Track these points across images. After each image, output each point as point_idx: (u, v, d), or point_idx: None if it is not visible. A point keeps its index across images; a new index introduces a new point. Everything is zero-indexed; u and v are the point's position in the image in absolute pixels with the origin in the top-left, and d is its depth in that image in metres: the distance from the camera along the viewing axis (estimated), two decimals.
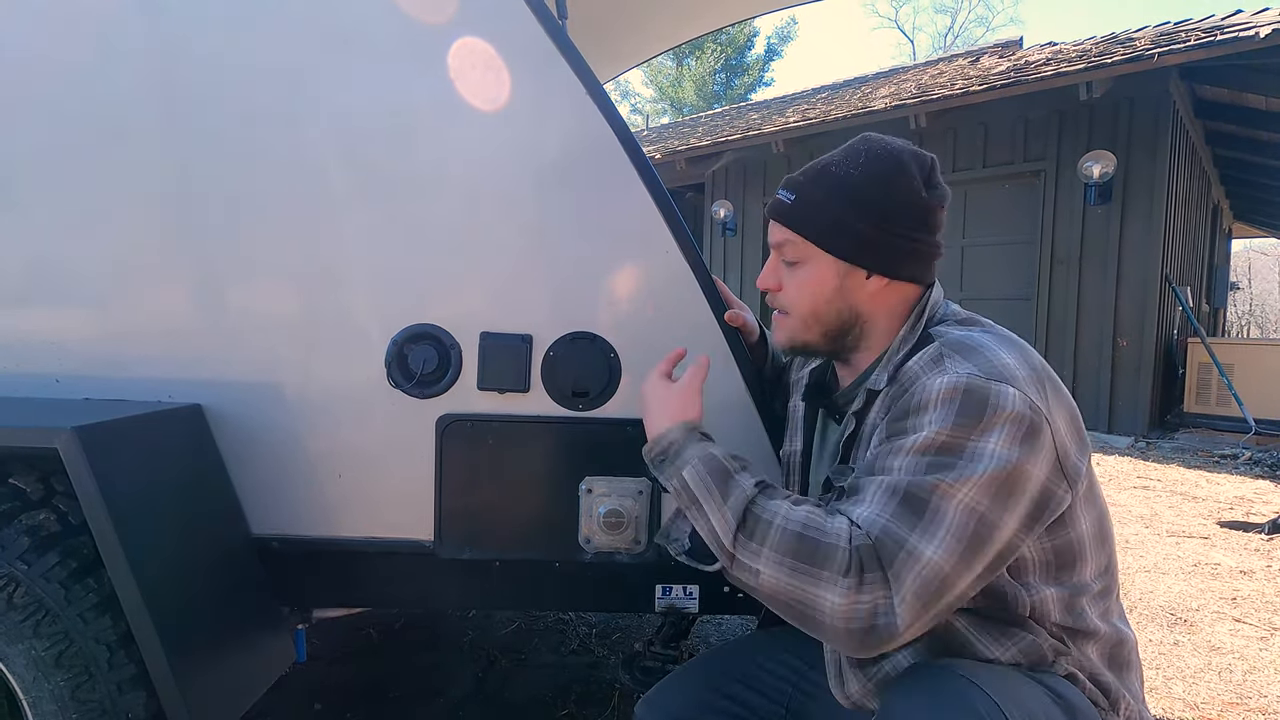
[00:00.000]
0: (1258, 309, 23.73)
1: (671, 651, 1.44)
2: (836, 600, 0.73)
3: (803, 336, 0.99)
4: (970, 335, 0.87)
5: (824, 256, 0.94)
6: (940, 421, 0.78)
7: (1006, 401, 0.77)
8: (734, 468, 0.87)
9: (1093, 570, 0.87)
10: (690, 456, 0.88)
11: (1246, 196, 10.39)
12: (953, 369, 0.81)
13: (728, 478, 0.85)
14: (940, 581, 0.73)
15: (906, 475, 0.77)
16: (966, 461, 0.75)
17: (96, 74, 1.23)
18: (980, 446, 0.76)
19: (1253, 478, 4.84)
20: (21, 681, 1.04)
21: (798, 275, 0.97)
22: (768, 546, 0.78)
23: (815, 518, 0.78)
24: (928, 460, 0.77)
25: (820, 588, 0.74)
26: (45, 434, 1.00)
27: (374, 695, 1.91)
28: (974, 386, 0.78)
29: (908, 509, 0.75)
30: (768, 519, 0.79)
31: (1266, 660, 2.24)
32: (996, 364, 0.80)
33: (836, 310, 0.96)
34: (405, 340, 1.25)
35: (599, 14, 2.98)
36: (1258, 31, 5.16)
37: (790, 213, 0.96)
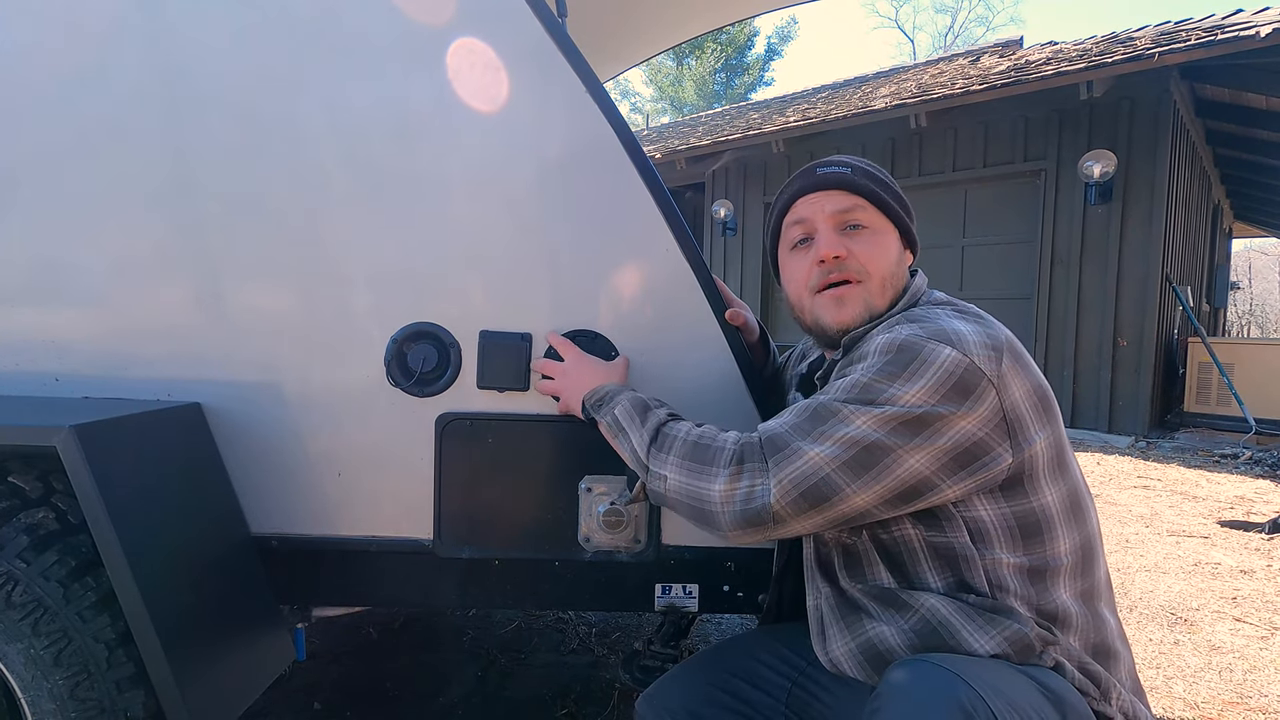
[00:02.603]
0: (1258, 308, 23.73)
1: (671, 651, 1.43)
2: (719, 487, 0.87)
3: (879, 303, 0.99)
4: (932, 310, 0.94)
5: (887, 224, 1.02)
6: (868, 370, 0.86)
7: (937, 357, 0.83)
8: (653, 404, 1.04)
9: (1066, 546, 0.89)
10: (621, 399, 1.06)
11: (1247, 196, 10.39)
12: (898, 330, 0.88)
13: (647, 410, 1.03)
14: (820, 480, 0.83)
15: (820, 400, 0.88)
16: (878, 401, 0.84)
17: (96, 73, 1.23)
18: (895, 392, 0.83)
19: (1253, 477, 4.84)
20: (20, 680, 1.04)
21: (870, 240, 1.00)
22: (672, 454, 0.94)
23: (711, 430, 0.95)
24: (845, 395, 0.86)
25: (708, 479, 0.89)
26: (44, 432, 1.00)
27: (373, 694, 1.91)
28: (909, 342, 0.85)
29: (808, 420, 0.87)
30: (673, 435, 0.96)
31: (1267, 659, 2.24)
32: (945, 329, 0.86)
33: (900, 278, 1.02)
34: (405, 339, 1.25)
35: (599, 13, 2.98)
36: (1258, 31, 5.16)
37: (854, 181, 1.01)
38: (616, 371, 1.17)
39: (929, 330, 0.86)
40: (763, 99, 14.05)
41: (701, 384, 1.27)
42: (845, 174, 1.01)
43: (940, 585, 0.89)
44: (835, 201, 1.00)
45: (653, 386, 1.26)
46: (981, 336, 0.86)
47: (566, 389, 1.16)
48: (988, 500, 0.87)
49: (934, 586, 0.89)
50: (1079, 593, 0.90)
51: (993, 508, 0.87)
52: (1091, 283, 6.48)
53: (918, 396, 0.82)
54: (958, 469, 0.84)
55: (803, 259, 1.03)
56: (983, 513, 0.87)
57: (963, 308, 0.96)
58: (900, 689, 0.76)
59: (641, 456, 0.97)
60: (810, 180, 1.03)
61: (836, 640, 0.95)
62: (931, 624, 0.87)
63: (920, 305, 0.98)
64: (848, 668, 0.94)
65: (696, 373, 1.27)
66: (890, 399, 0.83)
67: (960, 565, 0.88)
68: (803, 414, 0.88)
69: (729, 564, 1.32)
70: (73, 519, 1.12)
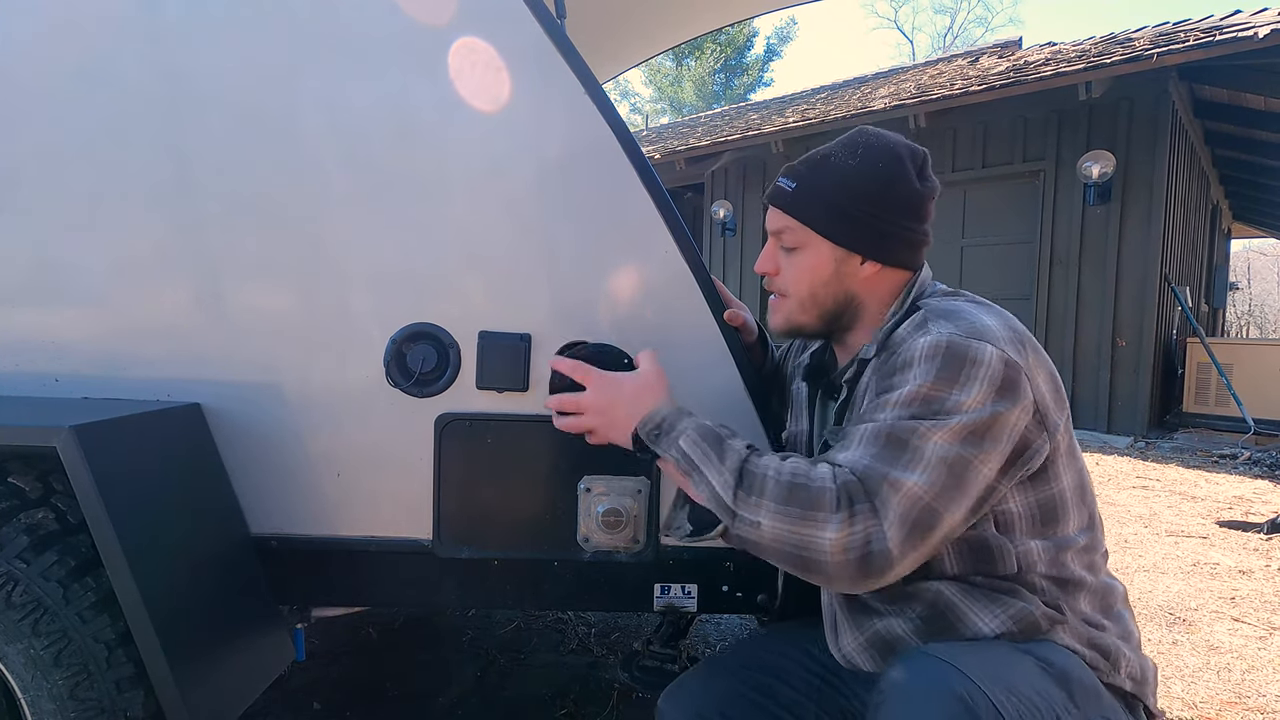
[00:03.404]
0: (1257, 309, 23.74)
1: (670, 651, 1.44)
2: (831, 535, 0.78)
3: (799, 319, 1.05)
4: (953, 303, 0.94)
5: (822, 242, 1.00)
6: (923, 376, 0.84)
7: (984, 357, 0.83)
8: (725, 434, 0.92)
9: (1075, 524, 0.92)
10: (684, 427, 0.92)
11: (1246, 196, 10.40)
12: (935, 330, 0.87)
13: (721, 442, 0.90)
14: (923, 510, 0.79)
15: (887, 421, 0.84)
16: (946, 411, 0.82)
17: (96, 73, 1.23)
18: (959, 399, 0.82)
19: (1251, 477, 4.85)
20: (20, 680, 1.04)
21: (796, 260, 1.02)
22: (765, 498, 0.82)
23: (802, 466, 0.84)
24: (911, 410, 0.83)
25: (815, 527, 0.79)
26: (44, 433, 1.00)
27: (373, 694, 1.91)
28: (954, 343, 0.84)
29: (890, 448, 0.82)
30: (761, 473, 0.84)
31: (1265, 659, 2.24)
32: (977, 325, 0.86)
33: (832, 294, 1.01)
34: (404, 339, 1.25)
35: (598, 13, 2.98)
36: (1256, 32, 5.17)
37: (791, 200, 1.01)
38: (656, 385, 1.01)
39: (964, 328, 0.86)
40: (762, 99, 14.06)
41: (701, 385, 1.27)
42: (785, 192, 1.02)
43: (955, 573, 0.90)
44: (774, 220, 1.05)
45: None
46: (1006, 329, 0.88)
47: (602, 424, 1.00)
48: (1015, 491, 0.88)
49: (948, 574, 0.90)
50: (1088, 564, 0.93)
51: (1019, 498, 0.89)
52: (1090, 283, 6.48)
53: (977, 399, 0.82)
54: (1010, 466, 0.85)
55: None
56: (1010, 505, 0.88)
57: (971, 298, 0.97)
58: (899, 684, 0.77)
59: (727, 500, 0.85)
60: (769, 190, 1.06)
61: (847, 635, 0.97)
62: (938, 608, 0.89)
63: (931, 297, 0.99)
64: (860, 661, 0.96)
65: (696, 373, 1.27)
66: (955, 407, 0.82)
67: (986, 556, 0.88)
68: (877, 441, 0.83)
69: (728, 564, 1.32)
70: (72, 519, 1.12)
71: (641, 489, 1.27)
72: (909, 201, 0.98)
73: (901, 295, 1.01)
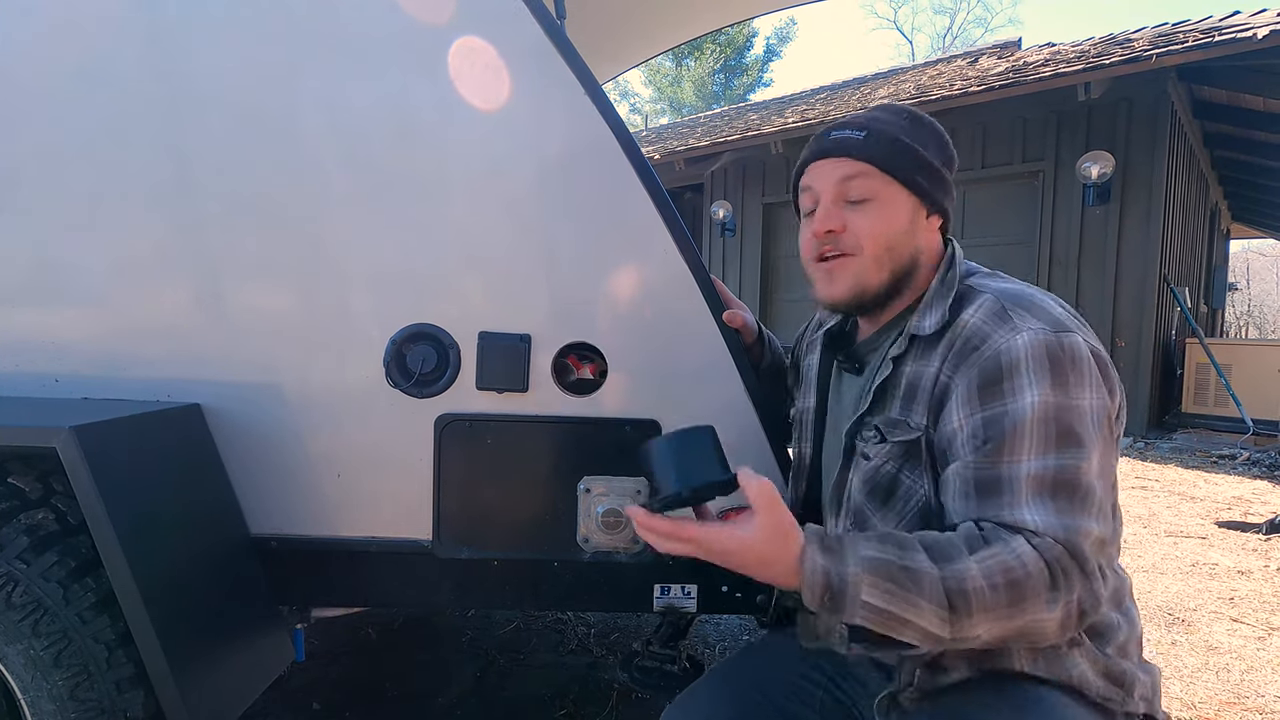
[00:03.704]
0: (1256, 310, 23.76)
1: (670, 651, 1.44)
2: (1057, 615, 0.74)
3: (873, 278, 0.94)
4: (1017, 288, 0.90)
5: (899, 191, 0.94)
6: (1039, 386, 0.80)
7: (1082, 351, 0.82)
8: (897, 555, 0.75)
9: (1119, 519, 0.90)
10: (855, 578, 0.73)
11: (1245, 197, 10.40)
12: (1024, 325, 0.83)
13: (906, 573, 0.73)
14: (1105, 545, 0.80)
15: (1043, 460, 0.79)
16: (1082, 426, 0.79)
17: (95, 73, 1.23)
18: (1082, 405, 0.80)
19: (1250, 478, 4.85)
20: (20, 681, 1.04)
21: (868, 212, 0.94)
22: (978, 612, 0.73)
23: (1005, 558, 0.73)
24: (1053, 434, 0.79)
25: (1038, 613, 0.74)
26: (44, 433, 1.00)
27: (372, 694, 1.91)
28: (1052, 344, 0.81)
29: (1066, 497, 0.78)
30: (967, 589, 0.73)
31: (1264, 659, 2.25)
32: (1056, 315, 0.84)
33: (906, 247, 0.95)
34: (404, 340, 1.25)
35: (598, 14, 2.99)
36: (1255, 33, 5.17)
37: (864, 146, 0.94)
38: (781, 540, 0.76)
39: (1048, 320, 0.83)
40: (761, 100, 14.06)
41: (700, 385, 1.27)
42: (853, 140, 0.94)
43: None
44: (839, 170, 0.95)
45: (652, 387, 1.27)
46: (1066, 312, 0.87)
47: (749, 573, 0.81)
48: None
49: None
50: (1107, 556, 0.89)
51: None
52: (1090, 284, 6.49)
53: (1094, 399, 0.81)
54: None
55: (806, 229, 1.00)
56: None
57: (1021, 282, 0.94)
58: None
59: (940, 635, 0.73)
60: (819, 146, 0.99)
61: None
62: None
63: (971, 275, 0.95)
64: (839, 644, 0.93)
65: (695, 374, 1.27)
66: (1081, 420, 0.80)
67: None
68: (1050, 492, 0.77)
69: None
70: (72, 520, 1.12)
71: (641, 489, 1.27)
72: (952, 159, 0.98)
73: (943, 265, 0.96)
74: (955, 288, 0.92)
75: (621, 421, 1.27)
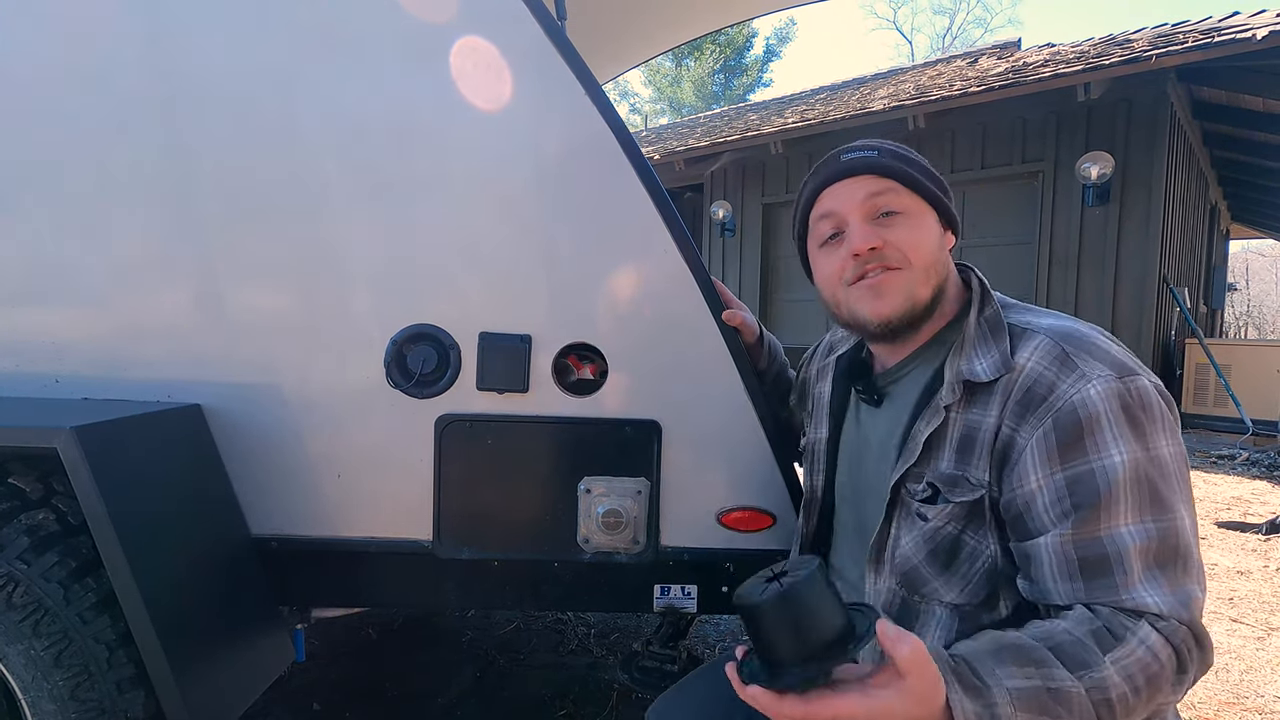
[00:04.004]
0: (1255, 310, 23.77)
1: (670, 652, 1.44)
2: (1178, 696, 0.76)
3: (922, 292, 0.89)
4: (1066, 325, 0.85)
5: (926, 207, 0.92)
6: (1125, 443, 0.76)
7: (1152, 396, 0.78)
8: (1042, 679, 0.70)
9: None
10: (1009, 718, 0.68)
11: (1244, 198, 10.41)
12: (1092, 373, 0.78)
13: (1052, 696, 0.69)
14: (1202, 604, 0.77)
15: (1142, 525, 0.75)
16: (1165, 481, 0.76)
17: (96, 74, 1.23)
18: (1162, 454, 0.77)
19: (1250, 478, 4.85)
20: (20, 681, 1.04)
21: (908, 224, 0.90)
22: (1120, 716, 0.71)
23: (1135, 655, 0.72)
24: (1146, 495, 0.76)
25: (1165, 697, 0.74)
26: (44, 434, 1.01)
27: (373, 695, 1.91)
28: (1123, 392, 0.78)
29: (1174, 566, 0.75)
30: (1111, 698, 0.70)
31: (1263, 660, 2.25)
32: (1116, 356, 0.81)
33: (942, 263, 0.92)
34: (404, 340, 1.25)
35: (598, 15, 2.99)
36: (1255, 33, 5.17)
37: (885, 164, 0.91)
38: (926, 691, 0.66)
39: (1113, 365, 0.79)
40: (761, 100, 14.06)
41: (701, 385, 1.28)
42: (872, 157, 0.92)
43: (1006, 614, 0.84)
44: (864, 187, 0.91)
45: (653, 388, 1.27)
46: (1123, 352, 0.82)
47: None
48: None
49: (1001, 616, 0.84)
50: None
51: None
52: (1089, 284, 6.49)
53: (1172, 446, 0.78)
54: None
55: (834, 255, 0.94)
56: None
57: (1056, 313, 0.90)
58: None
59: None
60: (835, 168, 0.94)
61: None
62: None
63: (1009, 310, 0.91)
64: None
65: (696, 374, 1.27)
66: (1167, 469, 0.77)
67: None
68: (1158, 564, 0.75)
69: (728, 565, 1.32)
70: (73, 520, 1.12)
71: (641, 490, 1.27)
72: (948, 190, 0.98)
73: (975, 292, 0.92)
74: (1003, 325, 0.87)
75: (622, 422, 1.27)
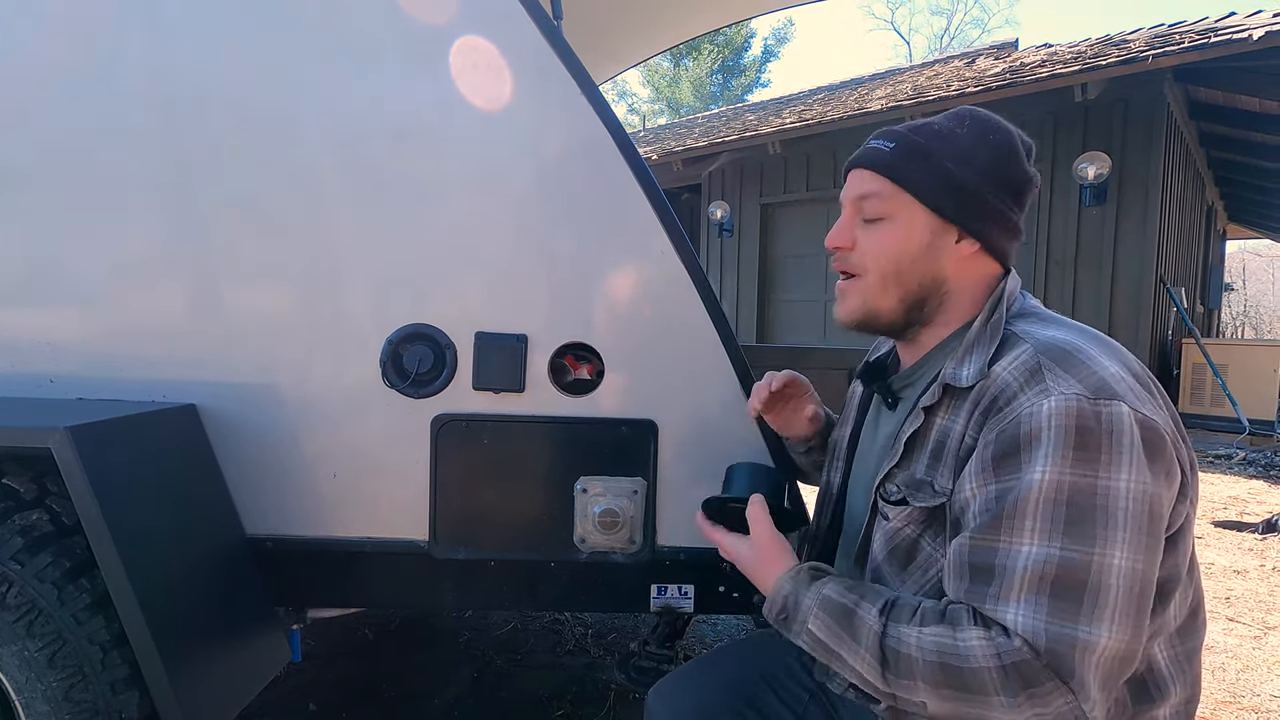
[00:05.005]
0: (1252, 310, 23.82)
1: (667, 651, 1.44)
2: (1015, 713, 0.68)
3: (877, 302, 0.89)
4: (1065, 338, 0.78)
5: (917, 210, 0.86)
6: (1055, 460, 0.70)
7: (1121, 424, 0.70)
8: (852, 601, 0.79)
9: (1178, 605, 0.79)
10: (809, 606, 0.81)
11: (1241, 198, 10.43)
12: (1056, 388, 0.72)
13: (851, 616, 0.78)
14: (1123, 659, 0.69)
15: (1045, 547, 0.69)
16: (1104, 513, 0.68)
17: (94, 75, 1.23)
18: (1110, 486, 0.69)
19: (1247, 478, 4.86)
20: (14, 682, 1.04)
21: (879, 231, 0.88)
22: (919, 680, 0.72)
23: (944, 640, 0.71)
24: (1062, 517, 0.69)
25: (988, 709, 0.69)
26: (38, 434, 1.00)
27: (369, 695, 1.91)
28: (1084, 411, 0.70)
29: (1066, 598, 0.68)
30: (906, 652, 0.73)
31: (1259, 659, 2.25)
32: (1102, 376, 0.72)
33: (920, 273, 0.87)
34: (400, 340, 1.25)
35: (596, 15, 2.98)
36: (1251, 34, 5.18)
37: (887, 160, 0.88)
38: (769, 556, 0.91)
39: (1089, 383, 0.72)
40: (759, 100, 14.07)
41: (697, 385, 1.27)
42: (881, 152, 0.88)
43: None
44: (859, 186, 0.90)
45: (649, 388, 1.27)
46: (1128, 373, 0.74)
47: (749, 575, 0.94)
48: None
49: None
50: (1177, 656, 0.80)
51: None
52: (1086, 284, 6.50)
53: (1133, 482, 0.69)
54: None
55: None
56: None
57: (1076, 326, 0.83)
58: None
59: (878, 685, 0.76)
60: (854, 154, 0.93)
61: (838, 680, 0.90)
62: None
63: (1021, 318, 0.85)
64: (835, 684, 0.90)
65: (692, 374, 1.27)
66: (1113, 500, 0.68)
67: None
68: (1043, 586, 0.69)
69: (725, 565, 1.31)
70: (67, 521, 1.12)
71: (638, 489, 1.27)
72: (1015, 180, 0.87)
73: (990, 302, 0.86)
74: (1000, 333, 0.83)
75: (618, 422, 1.27)
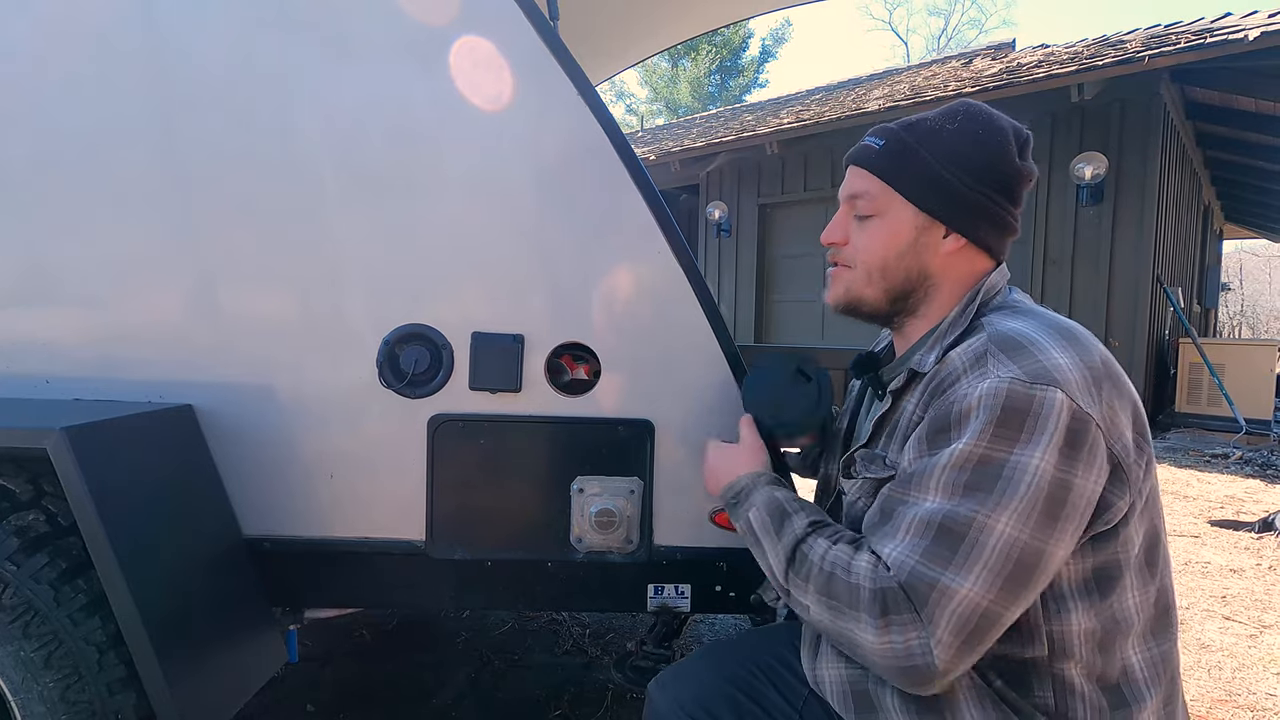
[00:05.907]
0: (1249, 309, 23.88)
1: (664, 651, 1.44)
2: (870, 638, 0.74)
3: (862, 291, 0.94)
4: (1021, 329, 0.80)
5: (904, 206, 0.90)
6: (976, 434, 0.73)
7: (1051, 409, 0.72)
8: (792, 508, 0.90)
9: (1136, 600, 0.80)
10: (756, 500, 0.94)
11: (1238, 198, 10.46)
12: (994, 371, 0.75)
13: (785, 518, 0.89)
14: (980, 616, 0.71)
15: (941, 502, 0.74)
16: (1005, 482, 0.71)
17: (91, 76, 1.23)
18: (1020, 461, 0.71)
19: (1243, 477, 4.87)
20: (10, 683, 1.03)
21: (870, 228, 0.92)
22: (811, 584, 0.81)
23: (842, 557, 0.80)
24: (964, 481, 0.73)
25: (855, 624, 0.75)
26: (34, 435, 1.00)
27: (366, 696, 1.91)
28: (1015, 393, 0.73)
29: (941, 545, 0.72)
30: (810, 559, 0.82)
31: (1255, 657, 2.26)
32: (1046, 364, 0.74)
33: (905, 268, 0.91)
34: (397, 340, 1.25)
35: (594, 14, 2.99)
36: (1247, 34, 5.19)
37: (875, 158, 0.91)
38: (749, 456, 1.03)
39: (1030, 369, 0.74)
40: (757, 101, 14.08)
41: (694, 384, 1.28)
42: (870, 149, 0.92)
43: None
44: (853, 184, 0.94)
45: (646, 388, 1.27)
46: (1080, 366, 0.75)
47: (709, 483, 1.07)
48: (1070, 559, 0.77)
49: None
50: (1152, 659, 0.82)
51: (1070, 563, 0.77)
52: (1083, 284, 6.51)
53: (1044, 463, 0.71)
54: (1079, 536, 0.74)
55: None
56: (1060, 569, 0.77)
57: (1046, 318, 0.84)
58: None
59: (779, 578, 0.85)
60: (849, 152, 0.97)
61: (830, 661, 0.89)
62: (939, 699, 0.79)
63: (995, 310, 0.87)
64: (829, 693, 0.89)
65: (689, 373, 1.27)
66: (1016, 474, 0.71)
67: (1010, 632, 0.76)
68: (925, 532, 0.73)
69: (721, 564, 1.32)
70: (63, 521, 1.11)
71: (635, 489, 1.27)
72: (1005, 176, 0.88)
73: (969, 294, 0.89)
74: (966, 323, 0.87)
75: (615, 422, 1.27)
